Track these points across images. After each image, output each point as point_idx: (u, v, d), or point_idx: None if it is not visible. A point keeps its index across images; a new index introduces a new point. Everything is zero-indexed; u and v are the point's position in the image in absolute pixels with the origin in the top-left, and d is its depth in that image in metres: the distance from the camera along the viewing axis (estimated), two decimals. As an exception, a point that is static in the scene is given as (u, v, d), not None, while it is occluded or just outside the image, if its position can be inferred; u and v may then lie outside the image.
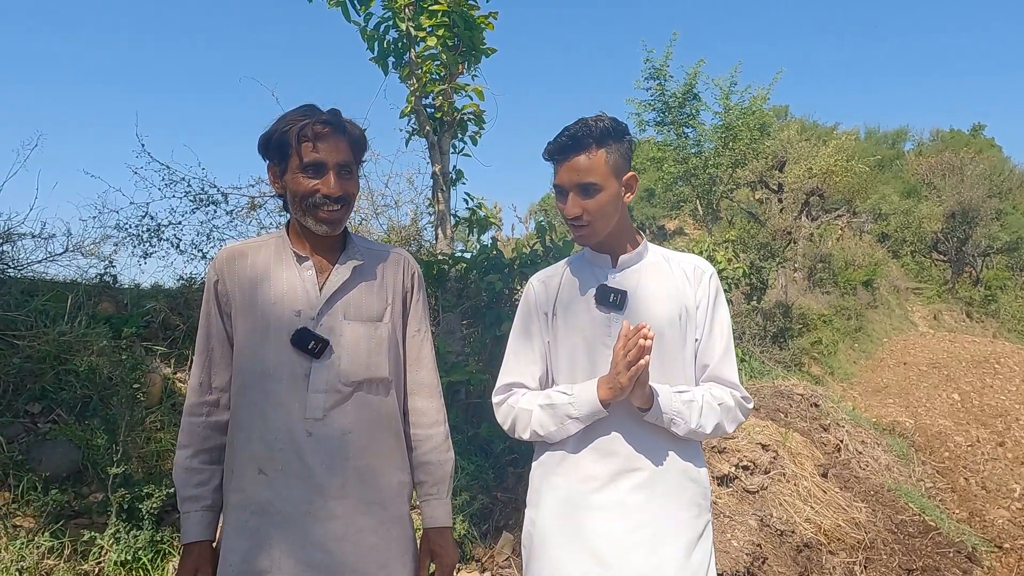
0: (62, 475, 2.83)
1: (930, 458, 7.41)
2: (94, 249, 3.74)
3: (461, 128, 4.61)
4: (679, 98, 9.93)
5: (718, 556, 3.04)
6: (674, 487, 1.47)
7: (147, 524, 2.70)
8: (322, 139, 1.36)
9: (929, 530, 4.49)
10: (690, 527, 1.47)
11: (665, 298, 1.51)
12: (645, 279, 1.53)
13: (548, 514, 1.50)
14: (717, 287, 1.57)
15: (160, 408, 3.37)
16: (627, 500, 1.44)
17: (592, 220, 1.46)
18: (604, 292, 1.51)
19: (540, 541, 1.51)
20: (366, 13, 4.42)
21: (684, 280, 1.53)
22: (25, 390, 2.99)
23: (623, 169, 1.48)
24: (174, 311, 3.93)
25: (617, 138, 1.46)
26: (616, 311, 1.50)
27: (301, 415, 1.36)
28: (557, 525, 1.48)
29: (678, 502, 1.47)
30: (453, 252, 4.39)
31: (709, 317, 1.53)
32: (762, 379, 7.73)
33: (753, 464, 3.73)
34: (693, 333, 1.52)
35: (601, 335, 1.51)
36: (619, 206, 1.49)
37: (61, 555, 2.54)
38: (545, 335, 1.58)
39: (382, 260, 1.49)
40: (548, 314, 1.58)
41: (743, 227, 13.15)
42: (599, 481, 1.46)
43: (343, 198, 1.39)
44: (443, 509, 1.48)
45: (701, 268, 1.56)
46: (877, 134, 36.55)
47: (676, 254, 1.60)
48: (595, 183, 1.43)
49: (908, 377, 12.15)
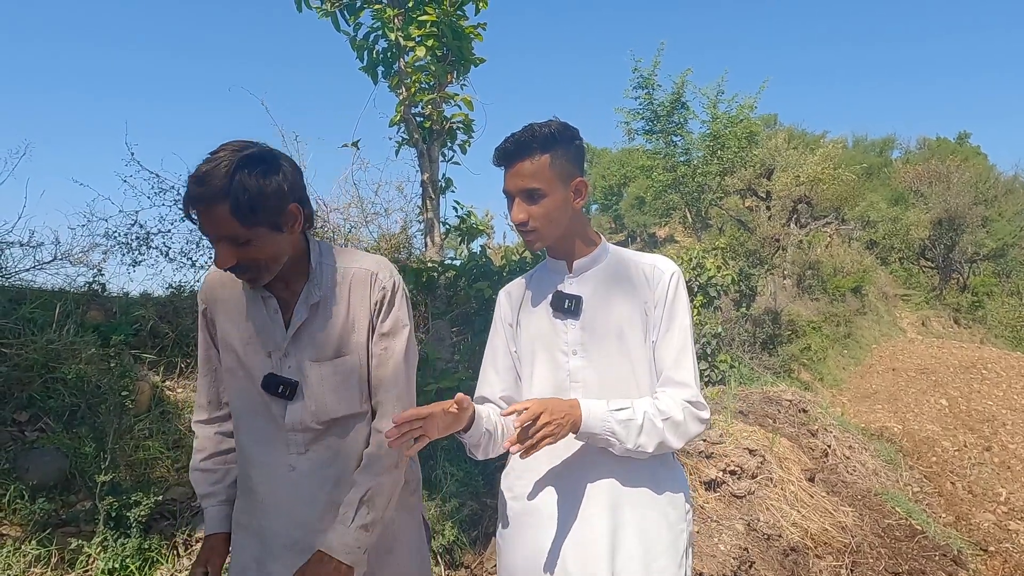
0: (49, 483, 2.82)
1: (917, 463, 7.46)
2: (83, 257, 3.76)
3: (450, 137, 4.66)
4: (667, 107, 10.04)
5: (705, 560, 3.06)
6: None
7: (135, 532, 2.69)
8: (200, 215, 1.23)
9: (916, 534, 4.53)
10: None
11: (622, 301, 1.48)
12: (602, 283, 1.51)
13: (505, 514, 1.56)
14: (676, 286, 1.49)
15: (148, 416, 3.37)
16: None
17: (538, 226, 1.44)
18: (559, 298, 1.50)
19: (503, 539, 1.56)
20: (356, 23, 4.46)
21: (643, 281, 1.49)
22: (12, 398, 2.99)
23: (571, 174, 1.46)
24: (163, 319, 3.93)
25: (564, 143, 1.44)
26: (572, 317, 1.49)
27: (284, 451, 1.39)
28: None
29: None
30: (443, 259, 4.41)
31: (666, 317, 1.47)
32: (751, 385, 7.78)
33: (740, 469, 3.76)
34: (651, 334, 1.48)
35: (559, 342, 1.50)
36: (567, 211, 1.46)
37: (48, 563, 2.53)
38: (512, 346, 1.58)
39: (348, 282, 1.39)
40: (512, 324, 1.59)
41: (733, 235, 13.26)
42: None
43: (238, 267, 1.27)
44: (339, 537, 1.31)
45: (660, 268, 1.50)
46: (865, 142, 36.92)
47: (638, 255, 1.56)
48: (539, 189, 1.42)
49: (897, 383, 12.22)
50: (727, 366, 6.45)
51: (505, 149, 1.44)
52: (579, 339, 1.48)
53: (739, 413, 5.55)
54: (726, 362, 6.38)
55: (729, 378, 6.80)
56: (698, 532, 3.24)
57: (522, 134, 1.43)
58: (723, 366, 6.38)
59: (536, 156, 1.41)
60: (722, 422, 4.42)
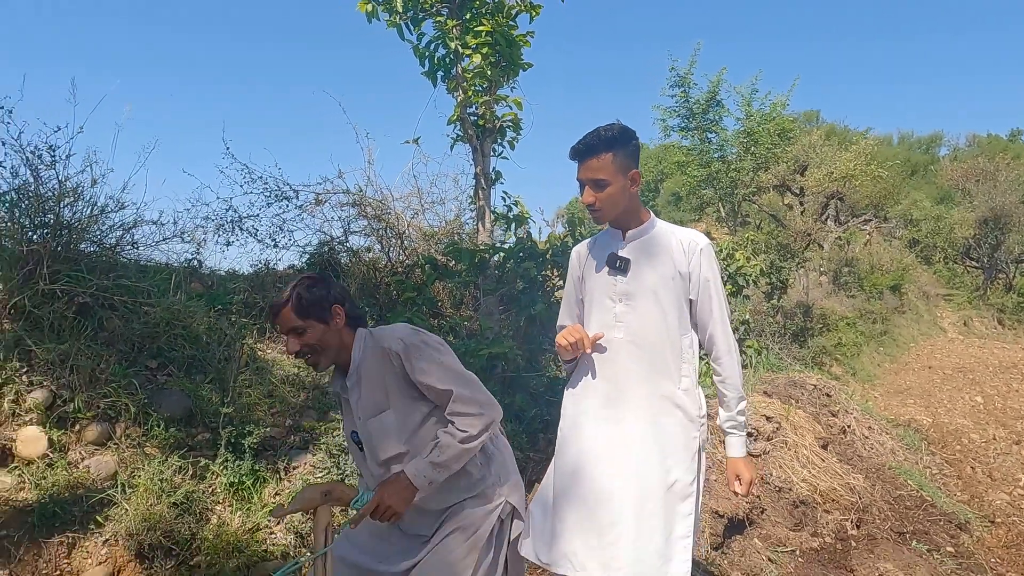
0: (177, 417, 3.46)
1: (941, 451, 7.63)
2: (193, 236, 4.40)
3: (501, 134, 5.20)
4: (703, 105, 10.39)
5: (719, 501, 3.54)
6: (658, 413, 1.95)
7: (247, 456, 3.31)
8: (276, 318, 1.82)
9: (924, 504, 4.87)
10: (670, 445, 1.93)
11: (662, 263, 1.93)
12: (647, 249, 1.95)
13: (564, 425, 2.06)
14: (710, 257, 1.94)
15: (248, 369, 4.00)
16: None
17: (603, 207, 1.89)
18: (613, 259, 1.96)
19: (560, 441, 2.05)
20: (419, 33, 5.04)
21: (679, 251, 1.93)
22: (145, 349, 3.64)
23: (628, 167, 1.88)
24: (255, 291, 4.57)
25: (624, 143, 1.86)
26: (621, 274, 1.95)
27: (372, 484, 1.88)
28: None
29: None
30: (493, 243, 4.96)
31: (703, 281, 1.92)
32: (778, 373, 8.10)
33: (756, 431, 4.20)
34: (687, 293, 1.93)
35: (610, 291, 1.97)
36: (625, 196, 1.90)
37: (184, 476, 3.16)
38: (579, 292, 2.11)
39: (375, 356, 1.83)
40: (580, 276, 2.10)
41: (769, 230, 13.49)
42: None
43: (300, 353, 1.81)
44: (411, 464, 1.76)
45: (696, 241, 1.95)
46: (910, 139, 36.15)
47: (679, 229, 1.99)
48: (604, 179, 1.85)
49: (932, 380, 12.17)
50: (754, 351, 6.83)
51: (578, 148, 1.88)
52: (625, 291, 1.96)
53: (763, 393, 5.95)
54: (753, 347, 6.76)
55: (757, 364, 7.16)
56: (714, 480, 3.71)
57: (591, 137, 1.86)
58: (749, 351, 6.77)
59: (602, 154, 1.84)
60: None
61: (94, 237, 3.72)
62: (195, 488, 3.15)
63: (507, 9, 4.86)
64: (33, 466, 2.96)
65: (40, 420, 3.09)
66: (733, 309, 7.02)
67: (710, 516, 3.41)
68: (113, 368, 3.37)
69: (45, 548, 2.76)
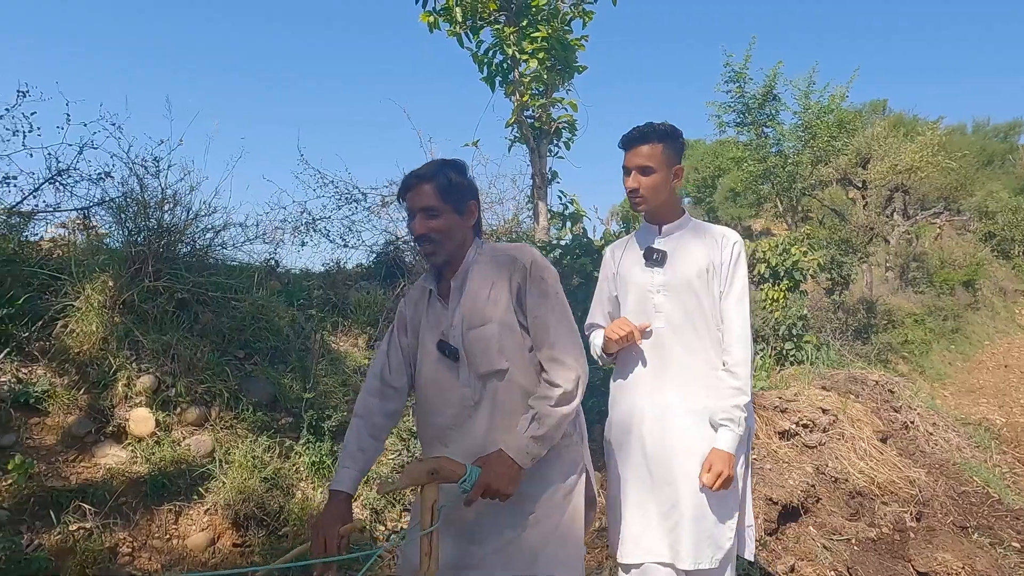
0: (263, 403, 3.80)
1: (1014, 450, 7.39)
2: (274, 236, 4.78)
3: (556, 135, 5.39)
4: (759, 99, 10.28)
5: (774, 488, 3.63)
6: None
7: (327, 438, 3.62)
8: (411, 190, 1.69)
9: (991, 500, 4.77)
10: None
11: (696, 257, 2.01)
12: (682, 243, 2.05)
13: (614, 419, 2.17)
14: (739, 252, 2.02)
15: (324, 360, 4.32)
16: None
17: (646, 194, 1.99)
18: (650, 252, 2.06)
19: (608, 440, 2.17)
20: (477, 41, 5.28)
21: (713, 244, 2.03)
22: (234, 340, 4.00)
23: (673, 161, 2.00)
24: (328, 288, 4.91)
25: (672, 138, 1.98)
26: (658, 266, 2.04)
27: (455, 401, 1.73)
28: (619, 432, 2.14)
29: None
30: (549, 240, 5.15)
31: (730, 274, 2.00)
32: (839, 369, 7.96)
33: (813, 423, 4.24)
34: (718, 286, 2.00)
35: (648, 283, 2.05)
36: (667, 188, 2.00)
37: (271, 455, 3.49)
38: (612, 289, 2.21)
39: (493, 265, 1.72)
40: (614, 273, 2.20)
41: (831, 225, 13.16)
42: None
43: (424, 237, 1.67)
44: (512, 440, 1.61)
45: (727, 236, 2.04)
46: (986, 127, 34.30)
47: (711, 226, 2.10)
48: (650, 167, 1.96)
49: (1008, 379, 11.70)
50: (812, 347, 6.77)
51: (631, 136, 1.99)
52: (662, 282, 2.07)
53: (820, 387, 5.92)
54: (811, 342, 6.71)
55: (817, 360, 7.07)
56: (769, 469, 3.80)
57: (645, 127, 1.98)
58: (808, 347, 6.72)
59: (653, 142, 1.96)
60: (801, 385, 4.87)
61: (188, 239, 4.11)
62: (282, 466, 3.47)
63: (562, 15, 5.04)
64: (143, 443, 3.33)
65: (147, 403, 3.46)
66: (789, 304, 6.98)
67: (764, 502, 3.50)
68: (208, 357, 3.73)
69: (156, 515, 3.12)
